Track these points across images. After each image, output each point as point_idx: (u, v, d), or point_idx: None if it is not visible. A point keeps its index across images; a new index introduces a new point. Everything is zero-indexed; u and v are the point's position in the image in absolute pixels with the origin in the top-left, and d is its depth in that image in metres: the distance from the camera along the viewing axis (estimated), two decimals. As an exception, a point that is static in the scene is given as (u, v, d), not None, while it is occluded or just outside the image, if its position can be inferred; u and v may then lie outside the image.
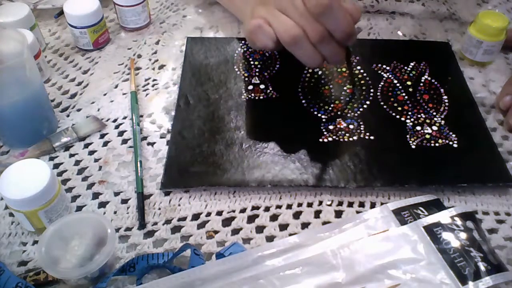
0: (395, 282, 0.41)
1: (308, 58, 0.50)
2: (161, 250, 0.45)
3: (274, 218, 0.48)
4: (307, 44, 0.48)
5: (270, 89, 0.59)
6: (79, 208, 0.49)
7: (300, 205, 0.49)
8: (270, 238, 0.46)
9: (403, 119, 0.56)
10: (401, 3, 0.74)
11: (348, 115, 0.56)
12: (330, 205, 0.49)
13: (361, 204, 0.49)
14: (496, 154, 0.52)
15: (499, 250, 0.45)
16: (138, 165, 0.51)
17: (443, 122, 0.55)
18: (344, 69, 0.61)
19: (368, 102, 0.58)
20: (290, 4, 0.48)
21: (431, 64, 0.62)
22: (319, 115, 0.56)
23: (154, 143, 0.54)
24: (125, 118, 0.57)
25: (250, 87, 0.59)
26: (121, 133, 0.55)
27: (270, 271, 0.41)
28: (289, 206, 0.49)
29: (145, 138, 0.55)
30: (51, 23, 0.70)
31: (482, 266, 0.41)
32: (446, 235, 0.43)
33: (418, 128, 0.55)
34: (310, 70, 0.61)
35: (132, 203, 0.49)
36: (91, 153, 0.53)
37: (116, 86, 0.61)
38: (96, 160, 0.53)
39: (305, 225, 0.47)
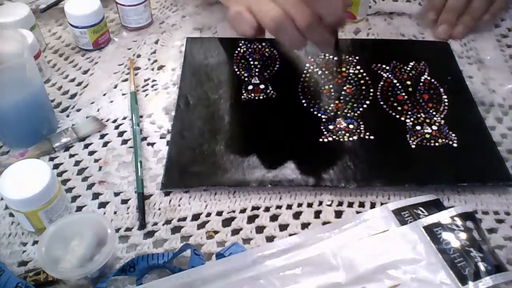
0: (395, 282, 0.41)
1: (293, 44, 0.48)
2: (161, 250, 0.45)
3: (274, 218, 0.48)
4: (292, 29, 0.46)
5: (270, 89, 0.59)
6: (79, 208, 0.49)
7: (300, 205, 0.49)
8: (270, 238, 0.46)
9: (403, 118, 0.56)
10: (398, 3, 0.74)
11: (348, 115, 0.56)
12: (330, 205, 0.49)
13: (361, 204, 0.49)
14: (496, 153, 0.52)
15: (499, 250, 0.45)
16: (138, 165, 0.51)
17: (442, 121, 0.55)
18: (343, 69, 0.61)
19: (368, 102, 0.58)
20: None
21: (430, 63, 0.62)
22: (319, 115, 0.56)
23: (154, 143, 0.54)
24: (125, 118, 0.57)
25: (250, 87, 0.59)
26: (121, 134, 0.55)
27: (270, 271, 0.41)
28: (289, 206, 0.49)
29: (145, 138, 0.55)
30: (51, 23, 0.70)
31: (482, 266, 0.41)
32: (446, 235, 0.43)
33: (418, 127, 0.55)
34: (310, 70, 0.61)
35: (132, 204, 0.49)
36: (91, 153, 0.53)
37: (116, 87, 0.61)
38: (96, 161, 0.53)
39: (305, 225, 0.47)
